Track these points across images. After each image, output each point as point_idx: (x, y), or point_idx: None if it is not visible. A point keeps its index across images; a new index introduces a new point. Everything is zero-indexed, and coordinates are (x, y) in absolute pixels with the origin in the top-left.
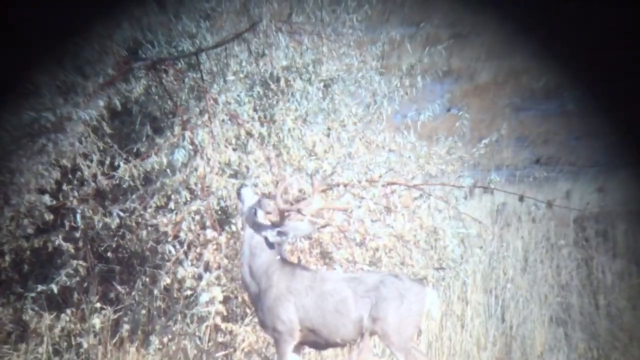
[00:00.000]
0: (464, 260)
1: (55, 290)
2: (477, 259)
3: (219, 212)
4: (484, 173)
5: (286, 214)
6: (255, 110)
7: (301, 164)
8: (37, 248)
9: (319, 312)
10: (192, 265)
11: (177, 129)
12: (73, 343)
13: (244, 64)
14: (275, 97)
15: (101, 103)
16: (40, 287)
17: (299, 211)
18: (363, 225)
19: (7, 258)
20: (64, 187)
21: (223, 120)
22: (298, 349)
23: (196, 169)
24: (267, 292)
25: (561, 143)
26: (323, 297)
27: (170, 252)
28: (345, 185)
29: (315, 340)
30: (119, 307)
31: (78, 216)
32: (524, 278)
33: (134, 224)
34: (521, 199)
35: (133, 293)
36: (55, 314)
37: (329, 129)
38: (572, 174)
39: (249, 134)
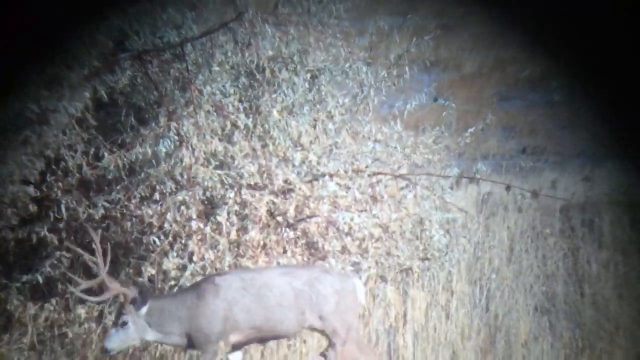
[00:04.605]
0: (449, 250)
1: (41, 281)
2: (462, 248)
3: (205, 203)
4: (470, 163)
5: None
6: (240, 101)
7: (287, 155)
8: (21, 239)
9: (261, 309)
10: (177, 256)
11: (162, 120)
12: (56, 333)
13: (229, 54)
14: (261, 88)
15: (87, 94)
16: (25, 277)
17: None
18: (349, 216)
19: None
20: (48, 178)
21: (208, 111)
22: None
23: (182, 160)
24: (196, 316)
25: (547, 133)
26: (261, 293)
27: (155, 243)
28: (331, 176)
29: (259, 336)
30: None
31: (62, 207)
32: (509, 268)
33: (118, 215)
34: (508, 188)
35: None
36: (40, 304)
37: (315, 120)
38: (558, 163)
39: (235, 125)
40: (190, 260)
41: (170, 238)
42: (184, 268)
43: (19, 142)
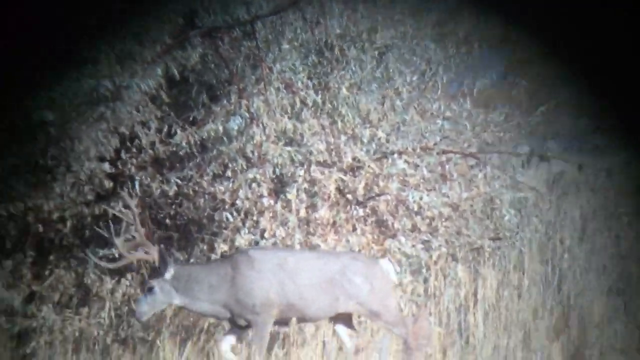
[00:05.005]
0: (520, 229)
1: (117, 256)
2: (533, 228)
3: (275, 180)
4: (541, 141)
5: None
6: (309, 78)
7: (355, 132)
8: (97, 215)
9: (294, 286)
10: (249, 232)
11: (233, 97)
12: (133, 307)
13: (299, 32)
14: (330, 65)
15: (159, 71)
16: (101, 252)
17: None
18: (418, 194)
19: (69, 224)
20: (123, 155)
21: (278, 89)
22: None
23: (252, 137)
24: (232, 287)
25: (621, 111)
26: (295, 272)
27: (227, 219)
28: (399, 153)
29: (290, 316)
30: None
31: (137, 183)
32: (581, 247)
33: (191, 192)
34: (580, 167)
35: (191, 260)
36: (117, 278)
37: (383, 97)
38: (632, 143)
39: (304, 102)
40: (262, 236)
41: (242, 215)
42: (256, 244)
43: (93, 119)
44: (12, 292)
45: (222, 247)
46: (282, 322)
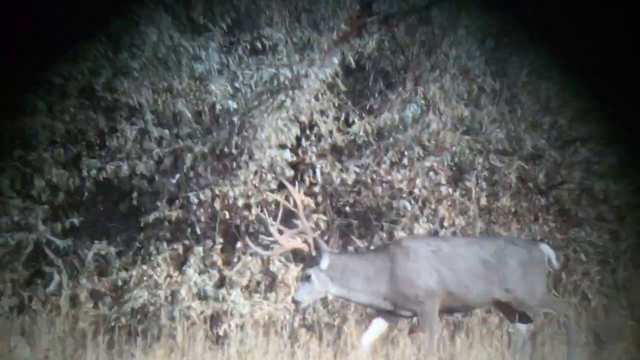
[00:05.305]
0: None
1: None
2: None
3: (453, 168)
4: None
5: None
6: (487, 64)
7: (536, 120)
8: (279, 202)
9: (452, 273)
10: (427, 221)
11: (408, 85)
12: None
13: (475, 17)
14: (508, 50)
15: (335, 60)
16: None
17: None
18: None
19: (253, 211)
20: (303, 142)
21: (454, 75)
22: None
23: (429, 125)
24: (392, 279)
25: None
26: (450, 259)
27: (405, 207)
28: (583, 141)
29: (452, 305)
30: None
31: (317, 171)
32: None
33: (369, 180)
34: None
35: (372, 247)
36: (301, 265)
37: (564, 82)
38: None
39: (481, 88)
40: (442, 225)
41: (420, 203)
42: (435, 233)
43: (274, 107)
44: (204, 277)
45: (400, 234)
46: (446, 311)
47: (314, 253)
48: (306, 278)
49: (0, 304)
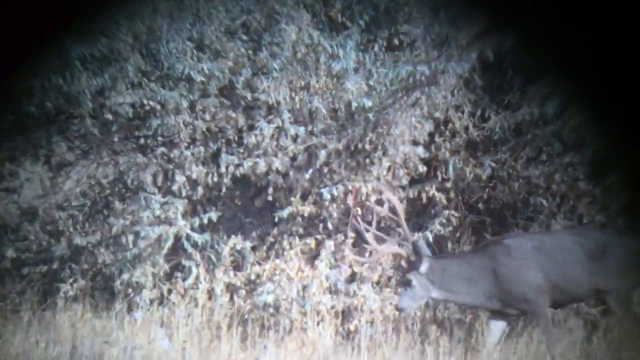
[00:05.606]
0: None
1: (431, 239)
2: None
3: (593, 165)
4: None
5: None
6: None
7: None
8: (411, 198)
9: (557, 267)
10: (564, 218)
11: (550, 78)
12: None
13: None
14: None
15: (473, 55)
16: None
17: None
18: None
19: (385, 207)
20: (437, 139)
21: None
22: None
23: (569, 120)
24: (496, 279)
25: None
26: (554, 252)
27: (542, 204)
28: None
29: (561, 299)
30: None
31: (450, 167)
32: None
33: (505, 175)
34: None
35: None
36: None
37: None
38: None
39: None
40: (580, 222)
41: (557, 199)
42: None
43: (408, 105)
44: (335, 271)
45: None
46: (555, 306)
47: (412, 258)
48: (408, 283)
49: (142, 297)
